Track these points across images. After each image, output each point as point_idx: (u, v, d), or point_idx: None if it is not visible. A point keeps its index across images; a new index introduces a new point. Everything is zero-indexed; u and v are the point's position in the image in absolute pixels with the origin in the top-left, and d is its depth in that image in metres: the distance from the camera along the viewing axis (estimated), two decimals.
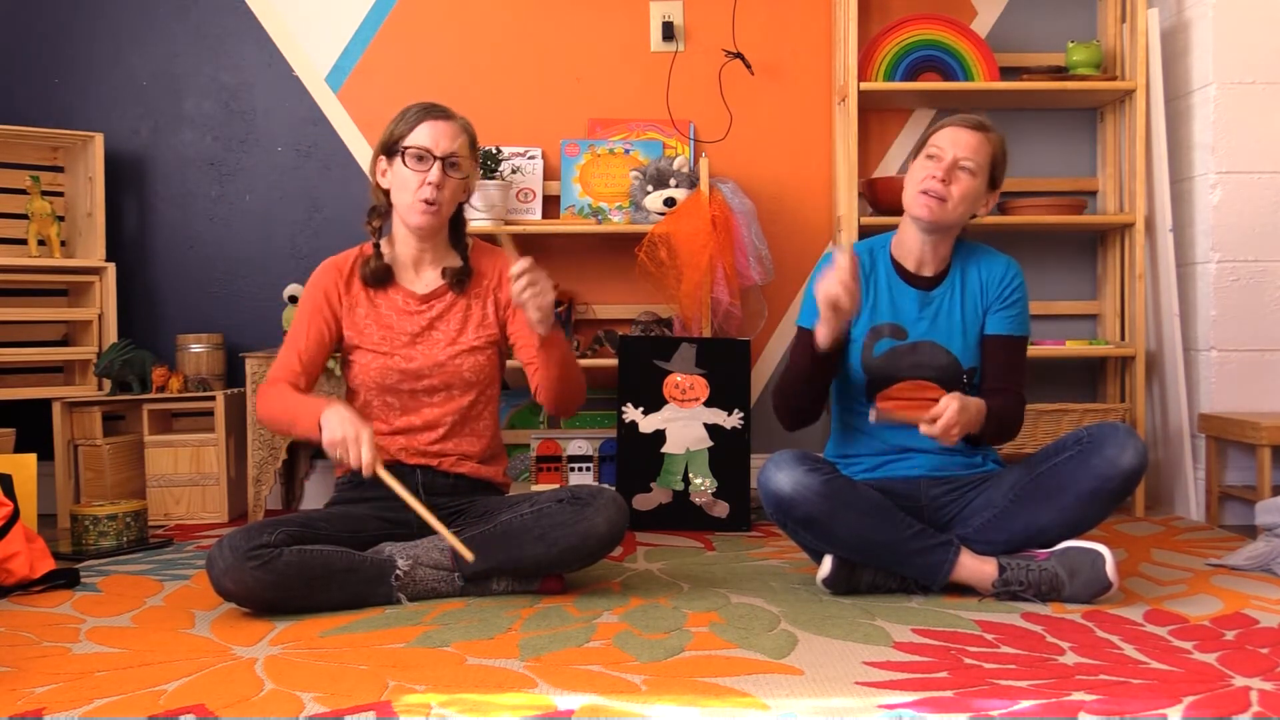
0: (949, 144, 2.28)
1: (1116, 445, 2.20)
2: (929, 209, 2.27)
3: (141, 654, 1.93)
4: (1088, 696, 1.66)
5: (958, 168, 2.27)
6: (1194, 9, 3.25)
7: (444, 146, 2.30)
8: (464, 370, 2.36)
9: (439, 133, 2.30)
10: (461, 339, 2.37)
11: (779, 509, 2.24)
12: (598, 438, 3.31)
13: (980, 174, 2.29)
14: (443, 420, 2.36)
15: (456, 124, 2.34)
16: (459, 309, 2.39)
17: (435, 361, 2.35)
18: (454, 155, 2.31)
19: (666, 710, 1.63)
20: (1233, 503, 3.13)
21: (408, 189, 2.31)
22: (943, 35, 3.35)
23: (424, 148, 2.29)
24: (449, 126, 2.32)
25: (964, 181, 2.27)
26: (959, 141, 2.28)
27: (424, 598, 2.25)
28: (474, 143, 2.39)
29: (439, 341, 2.36)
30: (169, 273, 3.57)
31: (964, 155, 2.27)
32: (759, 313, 3.48)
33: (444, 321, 2.38)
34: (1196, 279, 3.25)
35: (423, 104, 2.35)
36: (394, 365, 2.34)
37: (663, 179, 3.26)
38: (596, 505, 2.24)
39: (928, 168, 2.29)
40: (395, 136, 2.32)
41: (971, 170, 2.27)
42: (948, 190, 2.26)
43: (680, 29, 3.52)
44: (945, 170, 2.26)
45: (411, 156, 2.29)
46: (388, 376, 2.34)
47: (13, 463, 2.71)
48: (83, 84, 3.54)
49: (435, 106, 2.35)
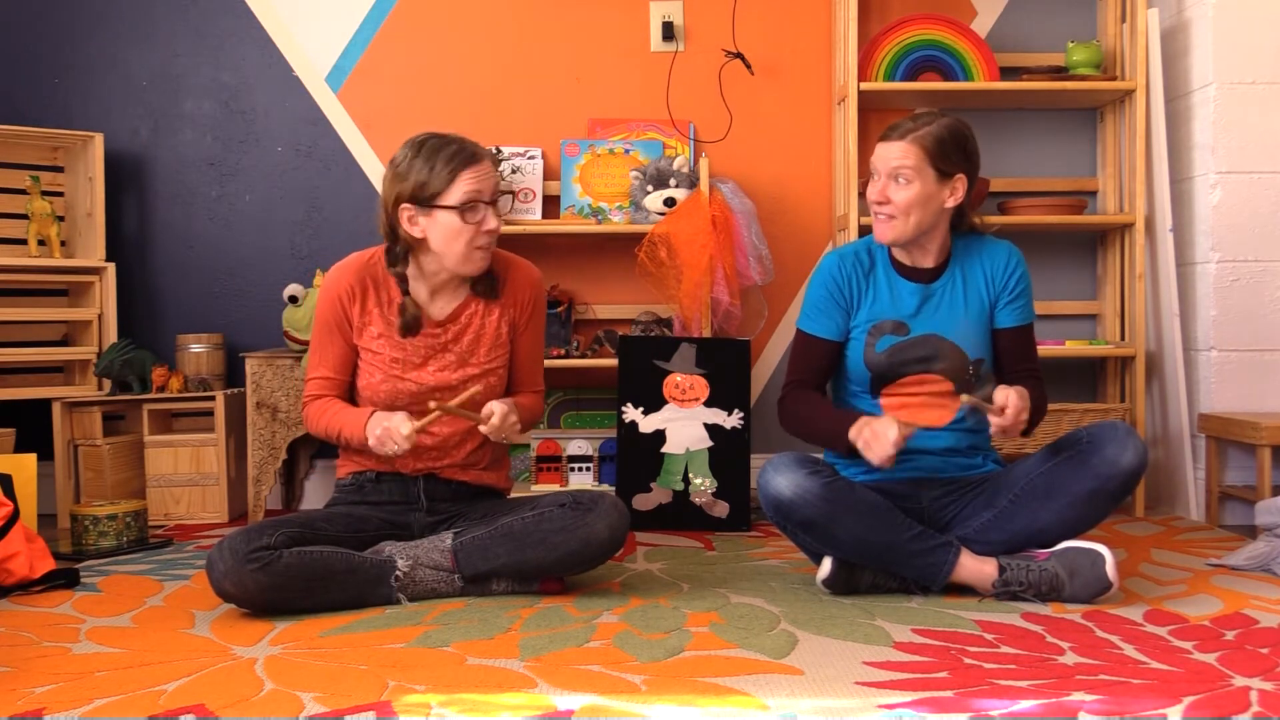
0: (878, 161, 2.29)
1: (1117, 445, 2.20)
2: (882, 230, 2.29)
3: (141, 654, 1.93)
4: (1088, 696, 1.66)
5: (893, 180, 2.26)
6: (1194, 9, 3.25)
7: (490, 189, 2.25)
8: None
9: (482, 176, 2.23)
10: (473, 361, 2.36)
11: (778, 512, 2.24)
12: (598, 438, 3.31)
13: (918, 175, 2.24)
14: (450, 436, 2.36)
15: (488, 159, 2.27)
16: (472, 331, 2.36)
17: (446, 384, 2.33)
18: (498, 191, 2.28)
19: (666, 710, 1.63)
20: (1233, 503, 3.13)
21: (460, 239, 2.23)
22: (943, 35, 3.35)
23: (475, 198, 2.22)
24: (486, 166, 2.25)
25: (903, 190, 2.25)
26: (883, 155, 2.28)
27: (424, 598, 2.25)
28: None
29: (450, 363, 2.34)
30: (169, 273, 3.57)
31: (892, 166, 2.25)
32: (759, 313, 3.48)
33: (457, 344, 2.35)
34: (1196, 279, 3.25)
35: (447, 148, 2.23)
36: (404, 389, 2.32)
37: (663, 179, 3.26)
38: (598, 510, 2.24)
39: (871, 191, 2.30)
40: (430, 191, 2.21)
41: (906, 176, 2.24)
42: (893, 208, 2.26)
43: (680, 29, 3.52)
44: (880, 191, 2.27)
45: (467, 210, 2.21)
46: (398, 399, 2.32)
47: (13, 463, 2.71)
48: (83, 84, 3.54)
49: (463, 149, 2.23)
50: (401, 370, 2.32)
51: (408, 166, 2.23)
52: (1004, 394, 2.16)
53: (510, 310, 2.40)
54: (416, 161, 2.22)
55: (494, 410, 2.23)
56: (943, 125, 2.27)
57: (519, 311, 2.40)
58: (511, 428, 2.24)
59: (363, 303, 2.33)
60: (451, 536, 2.27)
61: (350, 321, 2.33)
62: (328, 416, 2.32)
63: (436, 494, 2.38)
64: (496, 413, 2.22)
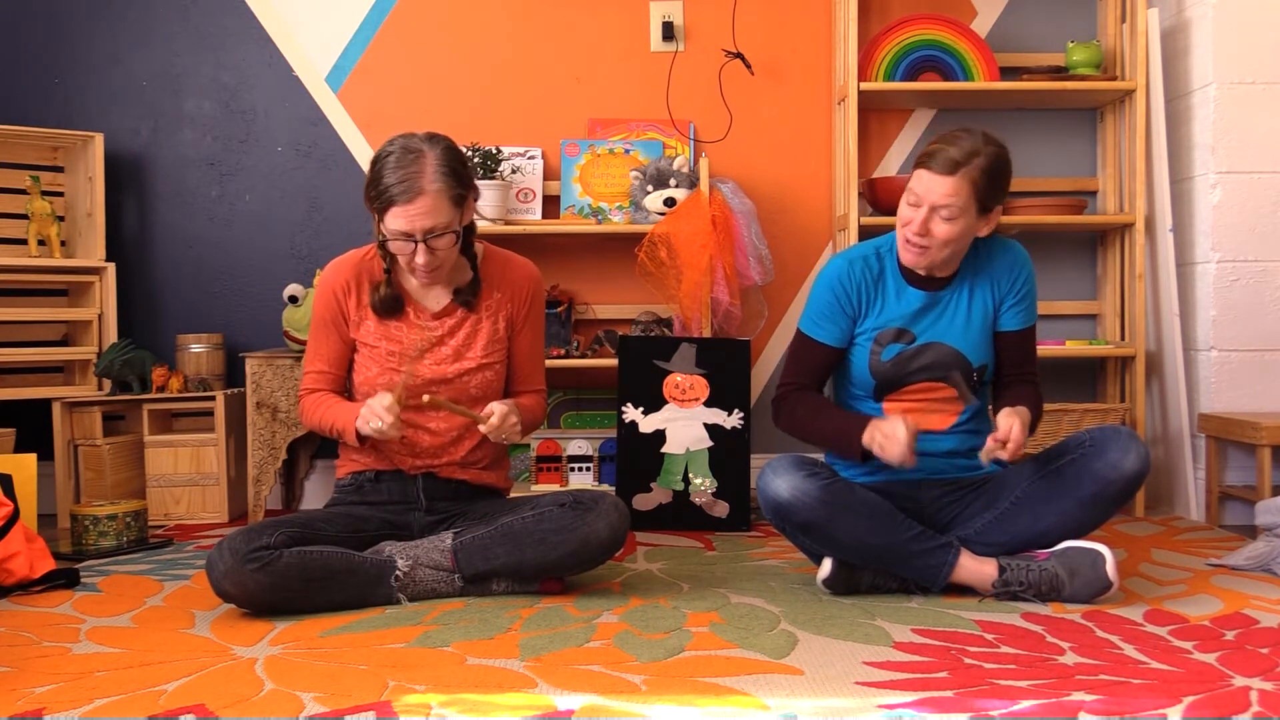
0: (922, 191, 2.20)
1: (1119, 449, 2.20)
2: (913, 258, 2.26)
3: (141, 654, 1.93)
4: (1088, 696, 1.66)
5: (935, 215, 2.19)
6: (1194, 9, 3.25)
7: (421, 227, 2.15)
8: (470, 387, 2.35)
9: (411, 216, 2.15)
10: (469, 355, 2.35)
11: (778, 515, 2.24)
12: (598, 438, 3.31)
13: (962, 214, 2.19)
14: (447, 431, 2.36)
15: (429, 195, 2.14)
16: (468, 325, 2.36)
17: (442, 378, 2.33)
18: (433, 229, 2.16)
19: (666, 710, 1.63)
20: (1233, 503, 3.13)
21: (400, 258, 2.23)
22: (943, 35, 3.35)
23: (401, 233, 2.17)
24: (420, 204, 2.14)
25: (944, 229, 2.19)
26: (933, 189, 2.18)
27: (424, 598, 2.25)
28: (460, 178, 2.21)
29: (446, 357, 2.34)
30: (169, 273, 3.57)
31: (940, 202, 2.18)
32: (759, 313, 3.48)
33: (453, 337, 2.35)
34: (1196, 279, 3.25)
35: (391, 170, 2.16)
36: (400, 382, 2.32)
37: (663, 179, 3.26)
38: (598, 510, 2.24)
39: (908, 214, 2.23)
40: (373, 206, 2.20)
41: (950, 215, 2.18)
42: (930, 239, 2.21)
43: (680, 29, 3.52)
44: (922, 223, 2.20)
45: (393, 238, 2.18)
46: (396, 382, 2.32)
47: (13, 463, 2.71)
48: (83, 84, 3.54)
49: (403, 180, 2.14)
50: (397, 364, 2.32)
51: (369, 172, 2.22)
52: (1008, 424, 2.15)
53: (507, 306, 2.39)
54: (372, 173, 2.21)
55: (494, 410, 2.22)
56: (990, 158, 2.19)
57: (516, 307, 2.40)
58: (511, 429, 2.24)
59: (358, 297, 2.34)
60: (451, 536, 2.27)
61: (346, 316, 2.34)
62: (321, 410, 2.33)
63: (436, 493, 2.38)
64: (496, 412, 2.22)
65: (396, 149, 2.19)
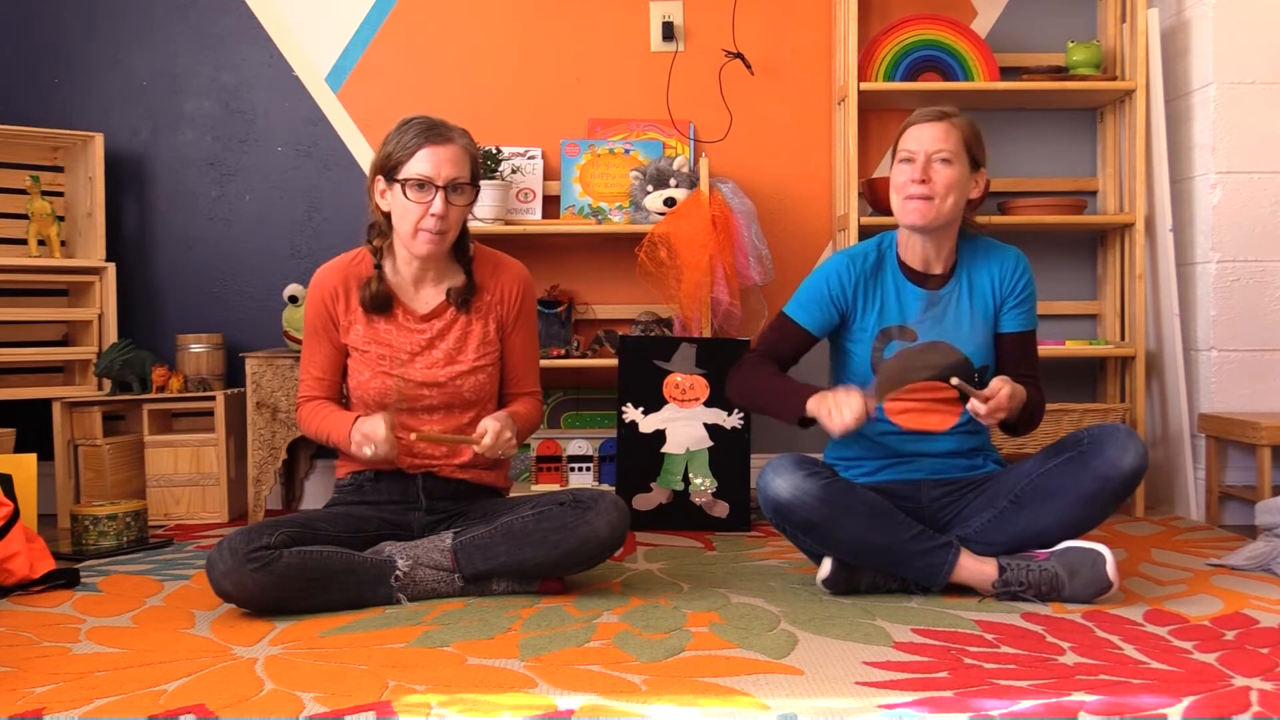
0: (918, 142, 2.27)
1: (1117, 447, 2.20)
2: (919, 212, 2.26)
3: (141, 654, 1.93)
4: (1088, 696, 1.66)
5: (933, 162, 2.25)
6: (1194, 9, 3.25)
7: (446, 174, 2.20)
8: (464, 390, 2.35)
9: (440, 159, 2.19)
10: (461, 358, 2.34)
11: (778, 514, 2.24)
12: (598, 438, 3.31)
13: (957, 159, 2.26)
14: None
15: (458, 145, 2.22)
16: (459, 327, 2.36)
17: (435, 381, 2.33)
18: (457, 180, 2.22)
19: (666, 710, 1.63)
20: (1233, 503, 3.13)
21: (409, 218, 2.22)
22: (943, 35, 3.35)
23: (425, 176, 2.19)
24: (450, 150, 2.21)
25: (944, 173, 2.25)
26: (925, 137, 2.27)
27: (424, 598, 2.25)
28: (476, 159, 2.29)
29: (438, 361, 2.33)
30: (169, 273, 3.57)
31: (935, 148, 2.25)
32: (759, 313, 3.48)
33: (444, 340, 2.35)
34: (1196, 279, 3.25)
35: (420, 124, 2.23)
36: (393, 386, 2.31)
37: (663, 179, 3.26)
38: (598, 509, 2.24)
39: (905, 172, 2.28)
40: (393, 161, 2.22)
41: (947, 158, 2.25)
42: (931, 188, 2.25)
43: (680, 29, 3.52)
44: (921, 169, 2.25)
45: (412, 186, 2.20)
46: (387, 396, 2.31)
47: (13, 463, 2.71)
48: (83, 84, 3.54)
49: (434, 128, 2.22)
50: (389, 367, 2.32)
51: (388, 137, 2.26)
52: (998, 382, 2.17)
53: (498, 308, 2.39)
54: (394, 133, 2.25)
55: (487, 428, 2.22)
56: (967, 119, 2.31)
57: (506, 309, 2.40)
58: (506, 444, 2.24)
59: (347, 302, 2.34)
60: (451, 536, 2.27)
61: (336, 322, 2.34)
62: (318, 420, 2.33)
63: (436, 493, 2.38)
64: (490, 430, 2.21)
65: (422, 117, 2.26)
